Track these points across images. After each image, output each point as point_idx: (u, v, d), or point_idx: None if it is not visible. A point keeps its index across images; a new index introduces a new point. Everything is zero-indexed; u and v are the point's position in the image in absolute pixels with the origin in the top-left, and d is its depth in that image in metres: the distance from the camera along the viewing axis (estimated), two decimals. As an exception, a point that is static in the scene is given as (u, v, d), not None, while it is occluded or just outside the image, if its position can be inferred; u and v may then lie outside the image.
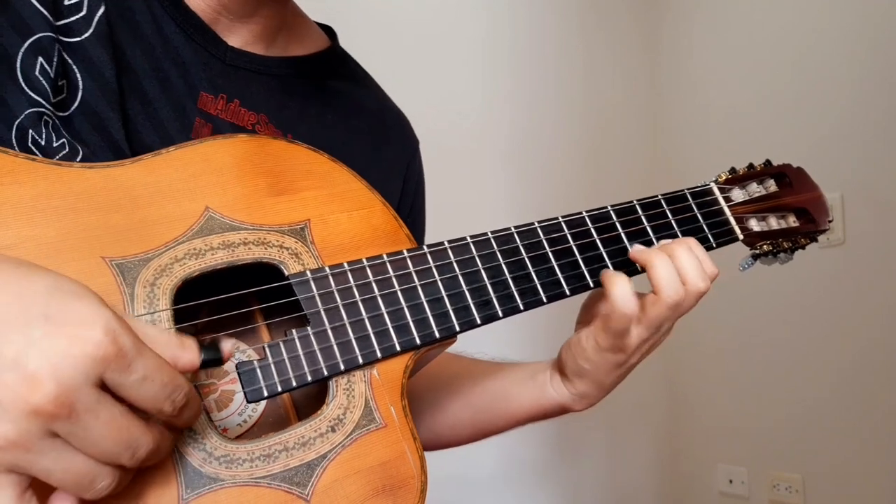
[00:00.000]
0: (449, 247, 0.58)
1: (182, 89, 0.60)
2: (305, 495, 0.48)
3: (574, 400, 0.67)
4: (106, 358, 0.36)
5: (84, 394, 0.36)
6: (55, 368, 0.35)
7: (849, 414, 1.92)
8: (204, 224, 0.52)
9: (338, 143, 0.68)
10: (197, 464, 0.46)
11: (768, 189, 0.76)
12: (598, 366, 0.63)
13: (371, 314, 0.54)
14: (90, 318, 0.36)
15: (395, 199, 0.74)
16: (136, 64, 0.58)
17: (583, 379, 0.65)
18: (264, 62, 0.66)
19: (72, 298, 0.37)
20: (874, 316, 1.86)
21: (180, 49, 0.61)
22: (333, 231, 0.56)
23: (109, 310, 0.38)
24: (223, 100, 0.62)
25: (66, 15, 0.55)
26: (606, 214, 0.65)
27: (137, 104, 0.57)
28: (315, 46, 0.73)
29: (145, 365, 0.38)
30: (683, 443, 2.37)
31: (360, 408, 0.51)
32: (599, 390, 0.66)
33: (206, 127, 0.61)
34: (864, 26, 1.89)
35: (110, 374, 0.37)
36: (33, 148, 0.52)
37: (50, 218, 0.48)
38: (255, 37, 0.66)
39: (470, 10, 2.10)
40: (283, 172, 0.56)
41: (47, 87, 0.52)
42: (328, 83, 0.72)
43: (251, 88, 0.64)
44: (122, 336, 0.37)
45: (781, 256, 0.76)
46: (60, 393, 0.35)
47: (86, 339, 0.36)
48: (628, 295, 0.59)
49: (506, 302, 0.59)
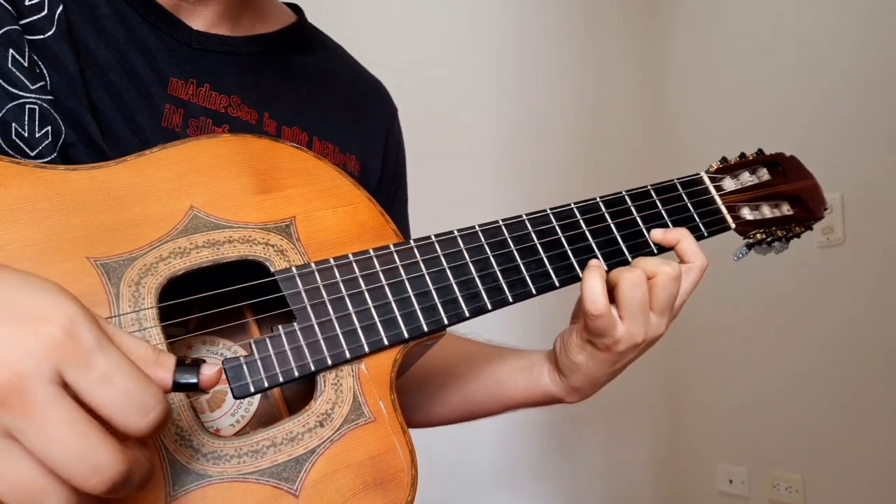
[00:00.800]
0: (436, 240, 0.58)
1: (149, 77, 0.60)
2: (294, 490, 0.47)
3: (566, 392, 0.67)
4: (62, 349, 0.34)
5: (39, 386, 0.33)
6: (11, 358, 0.33)
7: (849, 414, 1.90)
8: (189, 223, 0.52)
9: (314, 118, 0.68)
10: (184, 460, 0.45)
11: (761, 178, 0.76)
12: (587, 362, 0.63)
13: (358, 309, 0.53)
14: (52, 310, 0.35)
15: (377, 168, 0.74)
16: (101, 57, 0.59)
17: (575, 374, 0.65)
18: (231, 42, 0.66)
19: (38, 292, 0.36)
20: (874, 316, 1.85)
21: (145, 38, 0.61)
22: (319, 227, 0.56)
23: (79, 305, 0.36)
24: (193, 84, 0.62)
25: (28, 14, 0.56)
26: (595, 206, 0.65)
27: (105, 97, 0.58)
28: (281, 23, 0.72)
29: (108, 363, 0.35)
30: (683, 443, 2.36)
31: (349, 402, 0.51)
32: (592, 385, 0.66)
33: (178, 113, 0.61)
34: (864, 26, 1.89)
35: (67, 368, 0.34)
36: (17, 140, 0.52)
37: (34, 219, 0.48)
38: (218, 18, 0.66)
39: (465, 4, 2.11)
40: (267, 170, 0.56)
41: (22, 77, 0.53)
42: (298, 58, 0.72)
43: (221, 70, 0.65)
44: (85, 330, 0.35)
45: (776, 245, 0.75)
46: (14, 381, 0.33)
47: (43, 331, 0.34)
48: (596, 293, 0.58)
49: (494, 294, 0.58)
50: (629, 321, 0.60)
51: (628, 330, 0.60)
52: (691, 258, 0.64)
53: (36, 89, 0.54)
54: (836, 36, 1.95)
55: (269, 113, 0.66)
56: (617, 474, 2.28)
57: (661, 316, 0.61)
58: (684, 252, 0.64)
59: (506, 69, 2.19)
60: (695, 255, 0.64)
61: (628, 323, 0.60)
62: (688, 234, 0.65)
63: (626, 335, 0.60)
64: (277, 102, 0.67)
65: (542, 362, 0.69)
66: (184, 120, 0.61)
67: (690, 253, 0.64)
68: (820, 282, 1.96)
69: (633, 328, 0.60)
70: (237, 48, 0.67)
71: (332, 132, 0.61)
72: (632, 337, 0.60)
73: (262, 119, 0.66)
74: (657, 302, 0.60)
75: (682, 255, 0.65)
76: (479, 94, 2.13)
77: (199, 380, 0.39)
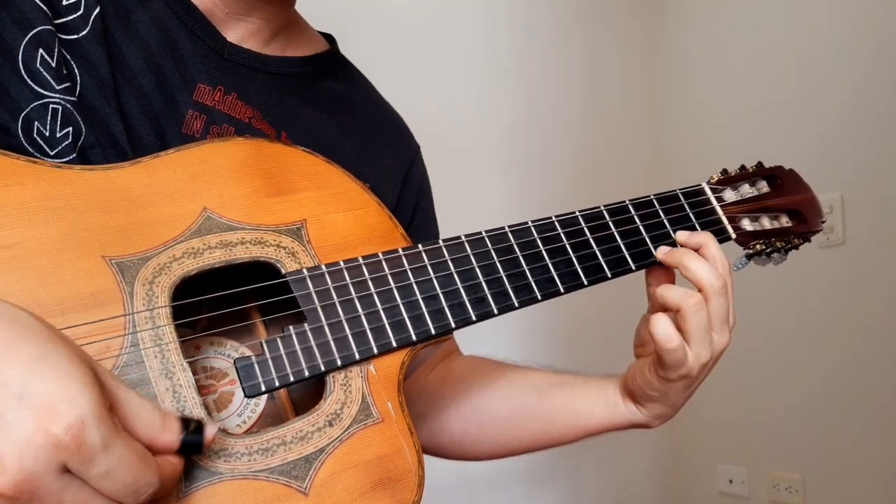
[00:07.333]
0: (444, 245, 0.59)
1: (177, 82, 0.61)
2: (304, 488, 0.48)
3: (649, 420, 0.69)
4: (68, 450, 0.36)
5: (47, 480, 0.36)
6: (21, 454, 0.36)
7: (849, 414, 1.91)
8: (202, 224, 0.53)
9: (332, 143, 0.69)
10: (195, 457, 0.46)
11: (760, 190, 0.77)
12: (666, 392, 0.65)
13: (367, 311, 0.54)
14: (62, 405, 0.36)
15: (391, 203, 0.75)
16: (132, 61, 0.60)
17: (655, 403, 0.67)
18: (261, 59, 0.67)
19: (52, 376, 0.37)
20: (874, 316, 1.86)
21: (179, 41, 0.62)
22: (329, 231, 0.57)
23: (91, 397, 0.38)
24: (221, 91, 0.63)
25: (64, 14, 0.57)
26: (599, 214, 0.66)
27: (132, 99, 0.59)
28: (312, 50, 0.74)
29: (109, 462, 0.38)
30: (683, 443, 2.36)
31: (357, 403, 0.52)
32: (673, 409, 0.68)
33: (200, 119, 0.62)
34: (864, 26, 1.91)
35: (72, 464, 0.37)
36: (38, 139, 0.53)
37: (52, 218, 0.49)
38: (250, 34, 0.67)
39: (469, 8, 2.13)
40: (279, 174, 0.57)
41: (49, 77, 0.54)
42: (325, 84, 0.73)
43: (247, 84, 0.66)
44: (91, 429, 0.37)
45: (775, 256, 0.77)
46: (23, 479, 0.36)
47: (50, 430, 0.36)
48: (669, 331, 0.60)
49: (501, 299, 0.59)
50: (695, 346, 0.61)
51: (696, 354, 0.61)
52: (720, 262, 0.64)
53: (61, 90, 0.55)
54: (836, 36, 1.97)
55: (286, 133, 0.67)
56: (617, 474, 2.28)
57: (722, 331, 0.63)
58: (714, 257, 0.64)
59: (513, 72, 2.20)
60: (721, 258, 0.64)
61: (695, 347, 0.61)
62: (712, 237, 0.66)
63: (694, 360, 0.61)
64: (297, 123, 0.68)
65: (615, 392, 0.70)
66: (205, 125, 0.62)
67: (718, 257, 0.64)
68: (820, 282, 1.97)
69: (701, 351, 0.61)
70: (266, 66, 0.68)
71: (347, 160, 0.62)
72: (699, 359, 0.62)
73: (279, 137, 0.67)
74: (715, 320, 0.62)
75: (711, 259, 0.64)
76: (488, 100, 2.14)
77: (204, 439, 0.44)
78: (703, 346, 0.61)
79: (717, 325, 0.62)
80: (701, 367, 0.62)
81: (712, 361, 0.63)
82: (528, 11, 2.25)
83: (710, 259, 0.64)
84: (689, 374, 0.62)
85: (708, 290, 0.61)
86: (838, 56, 1.95)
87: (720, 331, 0.62)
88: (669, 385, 0.63)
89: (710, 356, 0.62)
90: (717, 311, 0.62)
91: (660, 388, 0.64)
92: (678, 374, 0.62)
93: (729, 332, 0.64)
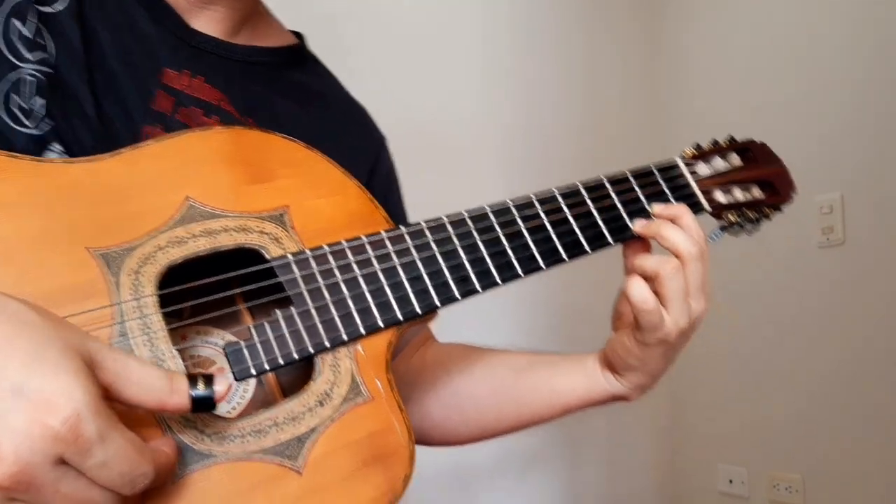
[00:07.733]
0: (426, 227, 0.60)
1: (145, 64, 0.62)
2: (298, 468, 0.49)
3: (629, 391, 0.70)
4: (65, 442, 0.37)
5: (43, 471, 0.37)
6: (17, 446, 0.36)
7: (848, 414, 1.91)
8: (185, 213, 0.53)
9: (298, 130, 0.70)
10: (189, 441, 0.47)
11: (733, 164, 0.79)
12: (646, 359, 0.66)
13: (353, 293, 0.55)
14: (59, 400, 0.37)
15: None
16: (104, 42, 0.61)
17: (635, 372, 0.68)
18: (227, 47, 0.68)
19: (49, 372, 0.38)
20: (874, 316, 1.86)
21: (145, 28, 0.63)
22: (312, 216, 0.57)
23: (87, 390, 0.38)
24: (187, 75, 0.64)
25: None
26: (576, 191, 0.67)
27: (101, 78, 0.60)
28: (280, 43, 0.74)
29: (105, 452, 0.38)
30: (683, 443, 2.37)
31: (347, 383, 0.53)
32: (653, 379, 0.69)
33: (169, 100, 0.63)
34: (864, 26, 1.90)
35: (69, 455, 0.38)
36: (14, 109, 0.54)
37: (34, 212, 0.49)
38: (216, 22, 0.68)
39: (469, 8, 2.13)
40: (260, 161, 0.57)
41: (24, 47, 0.55)
42: (291, 75, 0.74)
43: (214, 70, 0.66)
44: (87, 421, 0.38)
45: (748, 227, 0.79)
46: (19, 469, 0.36)
47: (47, 423, 0.37)
48: (644, 293, 0.61)
49: (483, 278, 0.60)
50: (673, 311, 0.62)
51: (674, 319, 0.63)
52: (695, 231, 0.65)
53: (37, 60, 0.56)
54: (836, 36, 1.96)
55: (253, 119, 0.67)
56: (617, 474, 2.29)
57: (699, 297, 0.64)
58: (689, 226, 0.66)
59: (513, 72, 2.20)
60: (696, 228, 0.66)
61: (674, 313, 0.62)
62: (687, 209, 0.67)
63: (673, 325, 0.63)
64: (263, 110, 0.68)
65: (595, 364, 0.71)
66: (174, 106, 0.63)
67: (693, 227, 0.66)
68: (820, 282, 1.96)
69: (679, 316, 0.62)
70: (232, 54, 0.68)
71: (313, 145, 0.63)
72: (677, 325, 0.63)
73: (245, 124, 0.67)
74: (691, 285, 0.63)
75: (686, 228, 0.66)
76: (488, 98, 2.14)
77: (214, 395, 0.43)
78: (680, 312, 0.62)
79: (694, 290, 0.63)
80: (679, 333, 0.63)
81: (690, 329, 0.65)
82: (528, 11, 2.25)
83: (685, 228, 0.65)
84: (666, 339, 0.63)
85: (685, 255, 0.63)
86: (838, 56, 1.94)
87: (697, 297, 0.64)
88: (648, 350, 0.65)
89: (687, 321, 0.63)
90: (694, 277, 0.63)
91: (639, 354, 0.65)
92: (656, 337, 0.63)
93: (705, 299, 0.65)
